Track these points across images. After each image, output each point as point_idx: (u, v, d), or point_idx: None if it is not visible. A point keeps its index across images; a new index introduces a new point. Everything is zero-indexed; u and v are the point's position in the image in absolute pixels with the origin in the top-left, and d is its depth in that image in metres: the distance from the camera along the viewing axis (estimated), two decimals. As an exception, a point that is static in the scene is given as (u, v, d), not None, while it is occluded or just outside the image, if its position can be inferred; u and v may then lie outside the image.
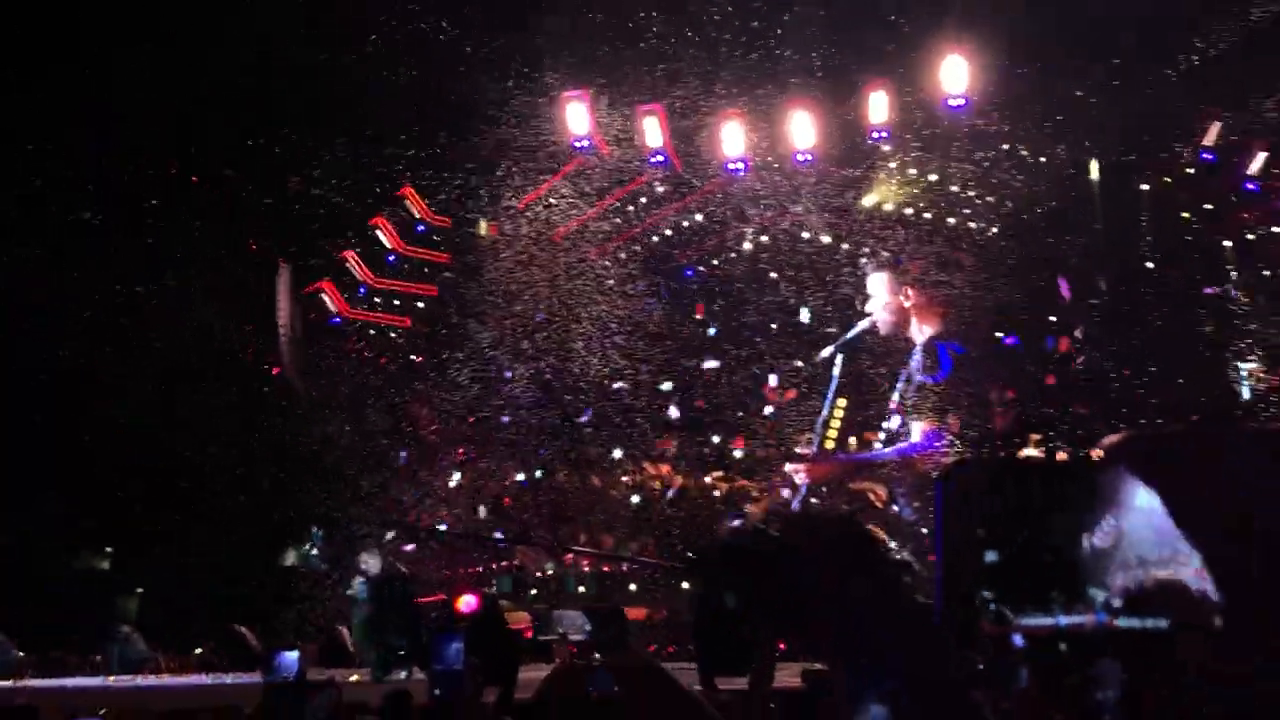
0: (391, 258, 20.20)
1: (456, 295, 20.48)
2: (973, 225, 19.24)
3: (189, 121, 16.73)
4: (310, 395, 18.84)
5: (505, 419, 19.74)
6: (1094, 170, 18.47)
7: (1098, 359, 18.03)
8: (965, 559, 0.58)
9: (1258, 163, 17.37)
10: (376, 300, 20.20)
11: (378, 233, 19.99)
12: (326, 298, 19.80)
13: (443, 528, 17.90)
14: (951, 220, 19.32)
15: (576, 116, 18.75)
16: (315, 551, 17.54)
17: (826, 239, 20.11)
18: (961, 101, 17.70)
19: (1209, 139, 17.74)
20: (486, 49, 18.00)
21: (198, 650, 15.08)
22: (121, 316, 16.64)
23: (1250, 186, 17.58)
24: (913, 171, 19.47)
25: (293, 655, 3.35)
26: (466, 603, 9.09)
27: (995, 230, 19.15)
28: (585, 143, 19.09)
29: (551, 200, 19.92)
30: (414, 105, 18.53)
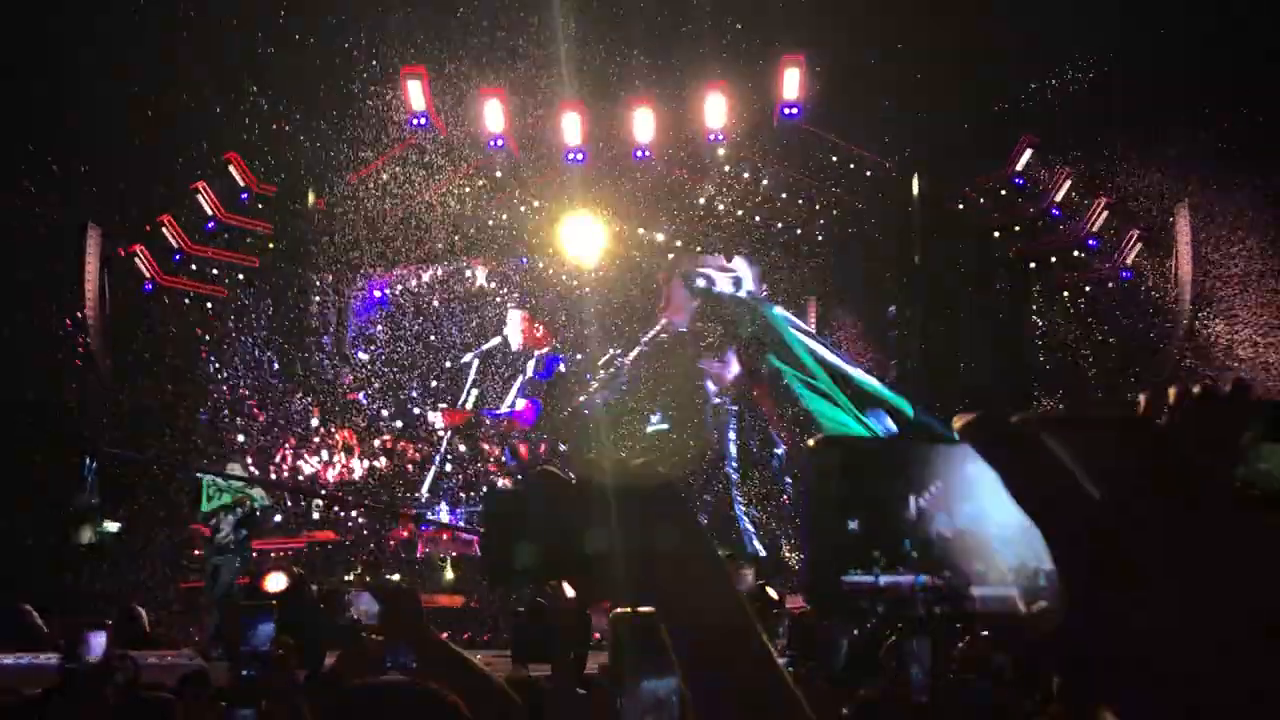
0: (211, 225, 19.28)
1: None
2: (799, 231, 19.85)
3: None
4: (109, 363, 17.88)
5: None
6: (914, 186, 19.32)
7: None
8: (828, 531, 0.61)
9: (1062, 190, 18.51)
10: (193, 268, 19.25)
11: (198, 197, 19.05)
12: (140, 262, 18.75)
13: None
14: (779, 225, 19.87)
15: (415, 92, 18.42)
16: (113, 528, 16.61)
17: (660, 236, 20.37)
18: (795, 111, 18.28)
19: (1020, 164, 18.84)
20: (330, 17, 17.45)
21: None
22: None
23: (1055, 213, 18.72)
24: (746, 175, 19.95)
25: (100, 637, 3.14)
26: (274, 581, 8.79)
27: (820, 237, 19.81)
28: (422, 120, 18.78)
29: (383, 176, 19.50)
30: (246, 68, 17.79)
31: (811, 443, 0.77)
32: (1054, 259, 18.98)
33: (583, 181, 19.64)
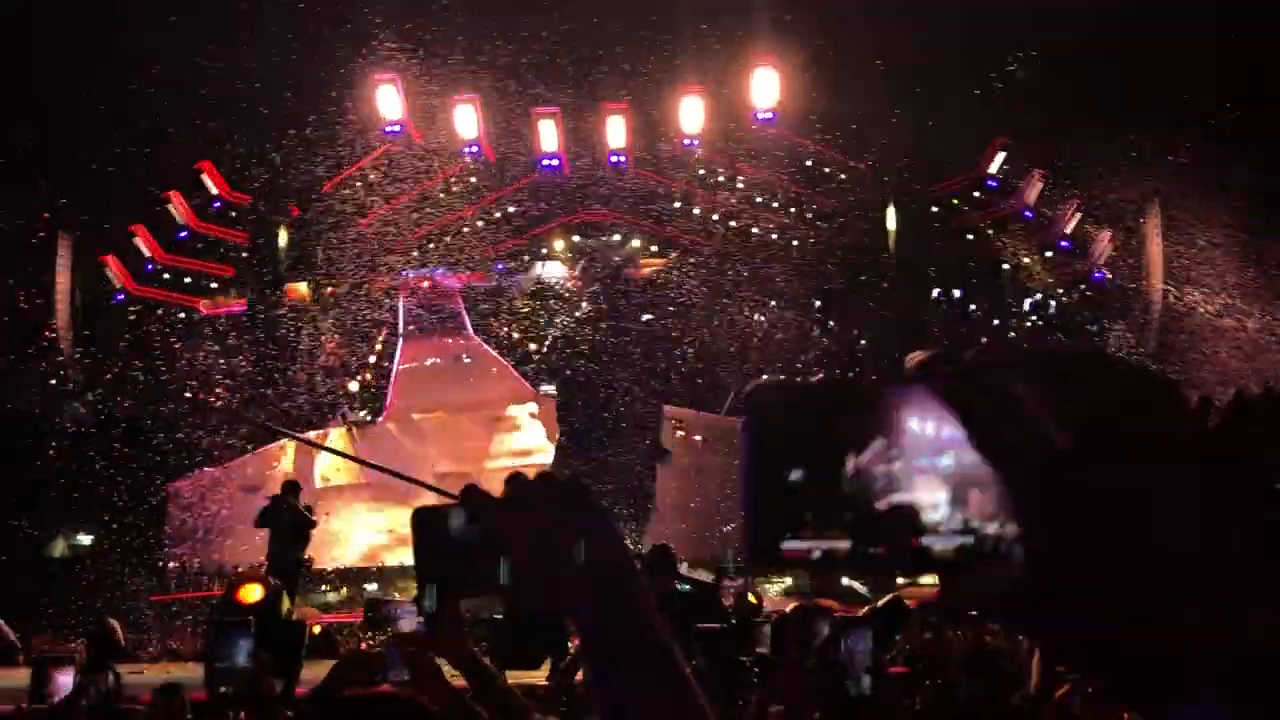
0: (184, 234, 19.13)
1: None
2: (775, 237, 19.87)
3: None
4: (81, 373, 17.72)
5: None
6: (891, 209, 19.37)
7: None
8: (769, 482, 0.59)
9: (1034, 192, 18.65)
10: (166, 277, 19.09)
11: (169, 207, 18.90)
12: (110, 272, 18.59)
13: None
14: (756, 230, 19.90)
15: (387, 100, 18.36)
16: (86, 541, 16.48)
17: (636, 242, 20.38)
18: (770, 115, 18.33)
19: (992, 166, 18.97)
20: (303, 28, 17.37)
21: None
22: None
23: (1027, 214, 18.86)
24: (721, 180, 19.99)
25: (68, 675, 3.05)
26: (250, 593, 8.70)
27: (796, 242, 19.84)
28: (397, 129, 18.72)
29: (358, 182, 19.40)
30: (221, 77, 17.67)
31: (753, 385, 0.74)
32: (1028, 260, 19.11)
33: (559, 187, 19.67)
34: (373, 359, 20.74)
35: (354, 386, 20.08)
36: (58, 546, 16.77)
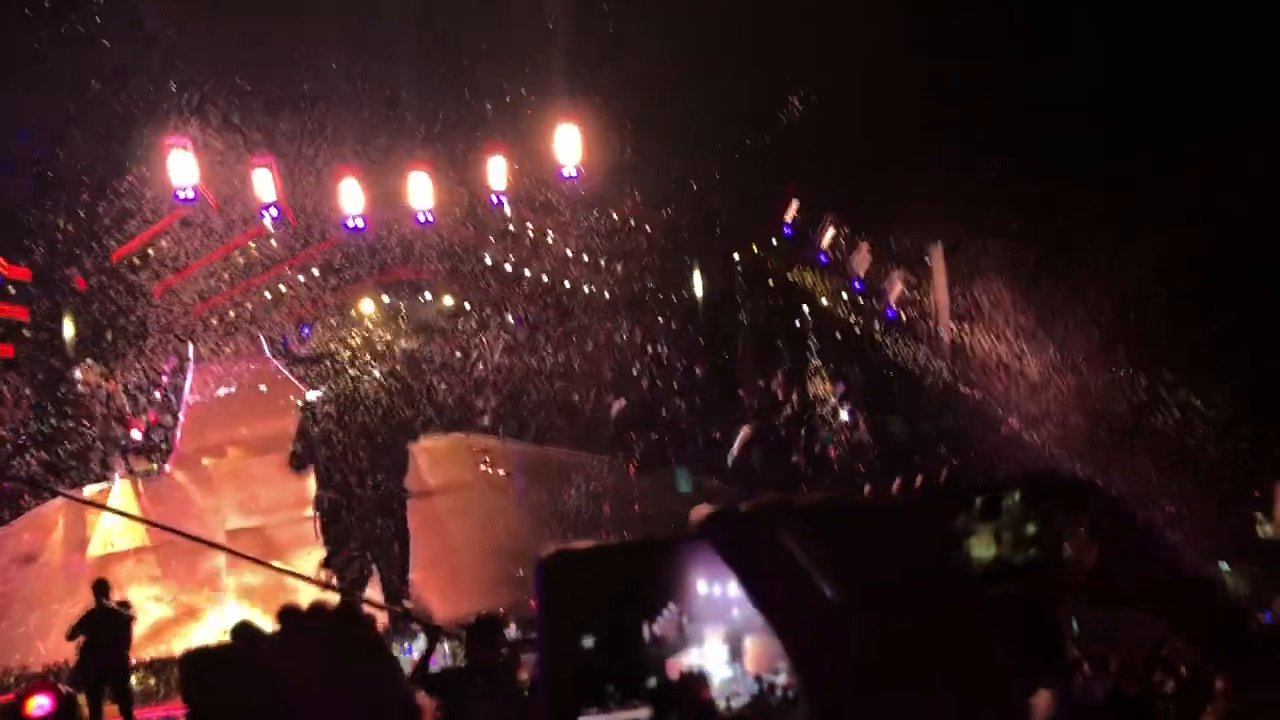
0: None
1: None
2: (587, 289, 20.17)
3: None
4: None
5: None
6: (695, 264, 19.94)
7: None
8: (564, 651, 0.61)
9: (827, 237, 19.54)
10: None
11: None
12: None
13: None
14: (567, 283, 20.13)
15: (180, 165, 17.68)
16: None
17: (448, 299, 20.29)
18: (574, 172, 18.59)
19: (789, 214, 19.79)
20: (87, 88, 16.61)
21: None
22: None
23: (822, 258, 19.74)
24: (531, 235, 20.16)
25: None
26: (38, 706, 8.07)
27: (607, 293, 20.18)
28: (190, 193, 18.03)
29: (149, 252, 18.58)
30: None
31: (545, 553, 0.73)
32: (825, 300, 20.00)
33: (366, 246, 19.38)
34: (158, 394, 19.82)
35: (136, 434, 19.05)
36: None
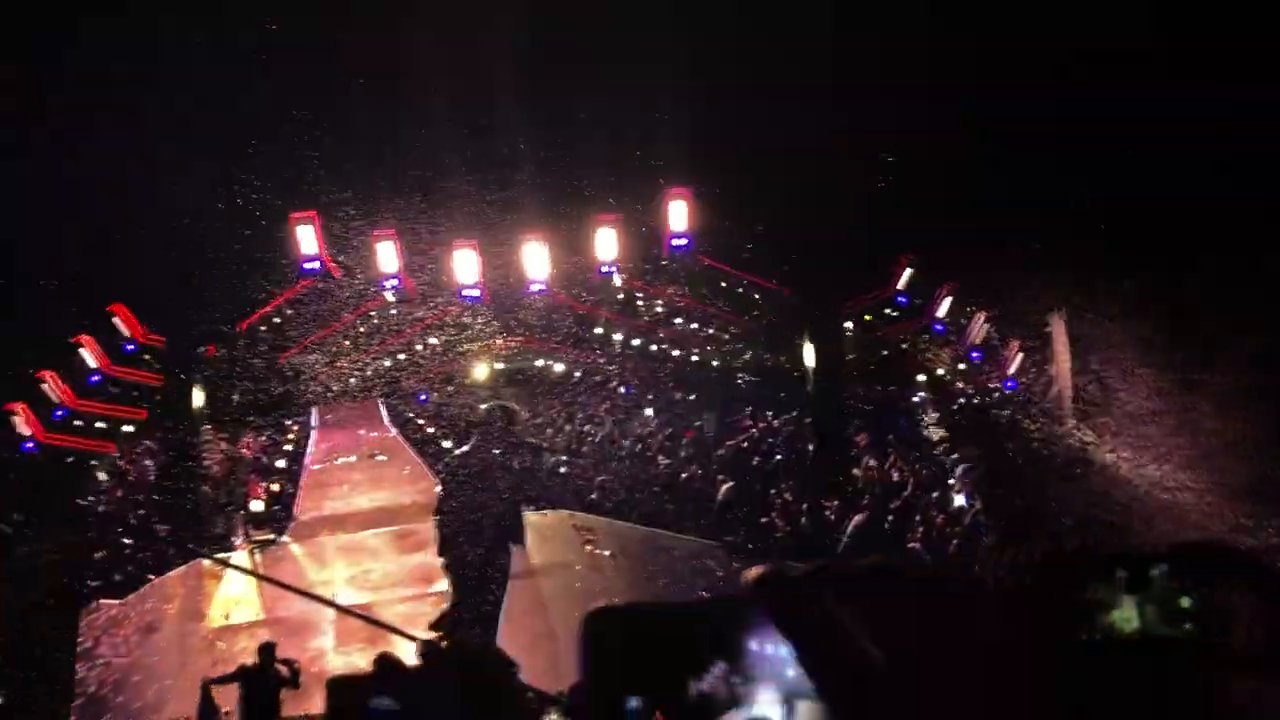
0: (96, 378, 18.80)
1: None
2: (694, 358, 20.17)
3: None
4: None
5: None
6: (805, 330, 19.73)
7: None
8: (608, 711, 0.58)
9: (944, 306, 19.21)
10: (78, 424, 18.67)
11: (81, 351, 18.60)
12: (19, 421, 18.11)
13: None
14: (676, 353, 20.17)
15: (305, 237, 18.41)
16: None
17: (559, 367, 20.50)
18: (685, 242, 18.76)
19: (901, 282, 19.54)
20: (210, 160, 17.42)
21: None
22: None
23: (939, 328, 19.38)
24: (640, 305, 20.30)
25: None
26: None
27: (716, 364, 20.13)
28: (315, 264, 18.74)
29: (276, 320, 19.32)
30: (128, 215, 17.58)
31: (589, 612, 0.74)
32: (941, 371, 19.56)
33: (480, 316, 19.78)
34: (281, 463, 20.32)
35: (258, 504, 19.51)
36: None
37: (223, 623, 17.40)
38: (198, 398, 19.44)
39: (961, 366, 19.49)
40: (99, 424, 19.15)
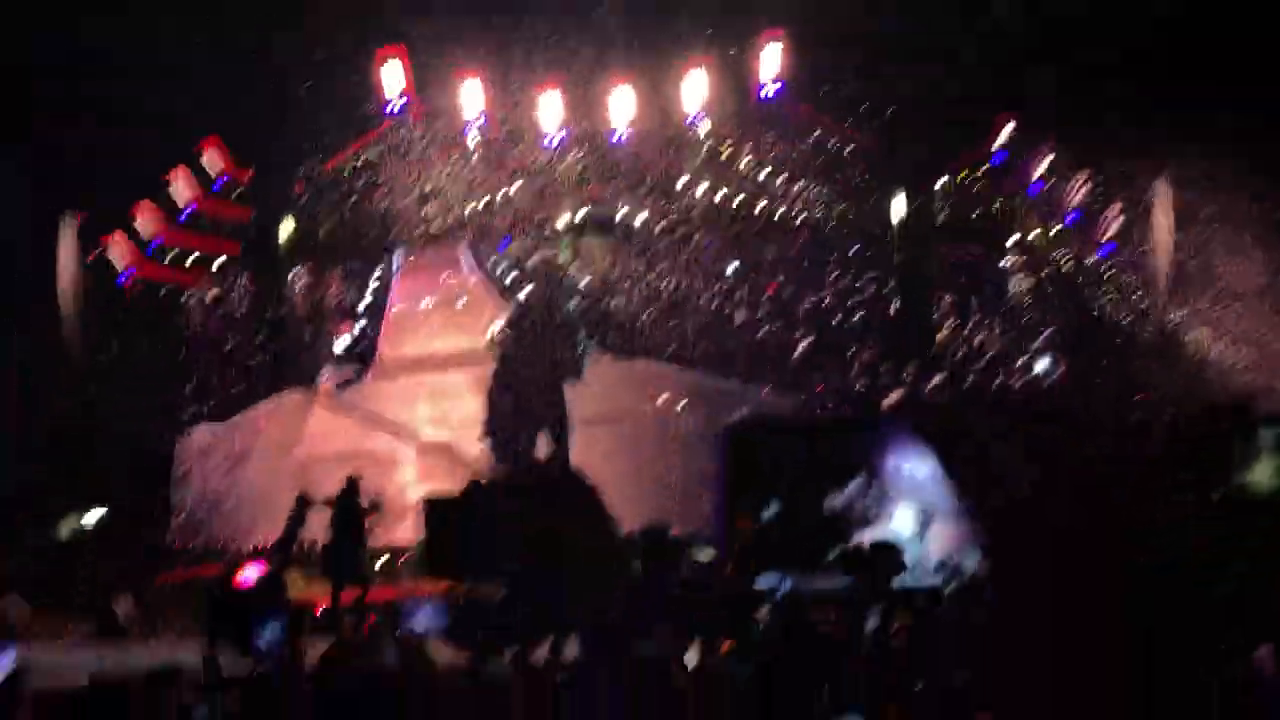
0: (188, 213, 19.15)
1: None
2: (780, 213, 19.77)
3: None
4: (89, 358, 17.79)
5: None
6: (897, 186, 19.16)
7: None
8: (744, 515, 0.56)
9: (1042, 165, 18.45)
10: (171, 257, 19.13)
11: (174, 185, 18.91)
12: (116, 252, 18.64)
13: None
14: (760, 206, 19.78)
15: (392, 75, 18.29)
16: (93, 521, 16.58)
17: (640, 217, 20.30)
18: (777, 90, 18.19)
19: (999, 140, 18.77)
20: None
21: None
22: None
23: (1035, 188, 18.66)
24: (725, 157, 19.85)
25: (4, 659, 3.04)
26: (248, 575, 8.75)
27: (801, 220, 19.72)
28: (400, 104, 18.64)
29: (362, 160, 19.38)
30: (223, 54, 17.60)
31: (732, 420, 0.69)
32: (1033, 235, 18.97)
33: (563, 161, 19.61)
34: (364, 303, 20.69)
35: (342, 341, 19.97)
36: (65, 527, 16.85)
37: (310, 454, 18.07)
38: (286, 235, 19.74)
39: (1056, 229, 18.84)
40: (191, 257, 19.60)
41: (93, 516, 16.59)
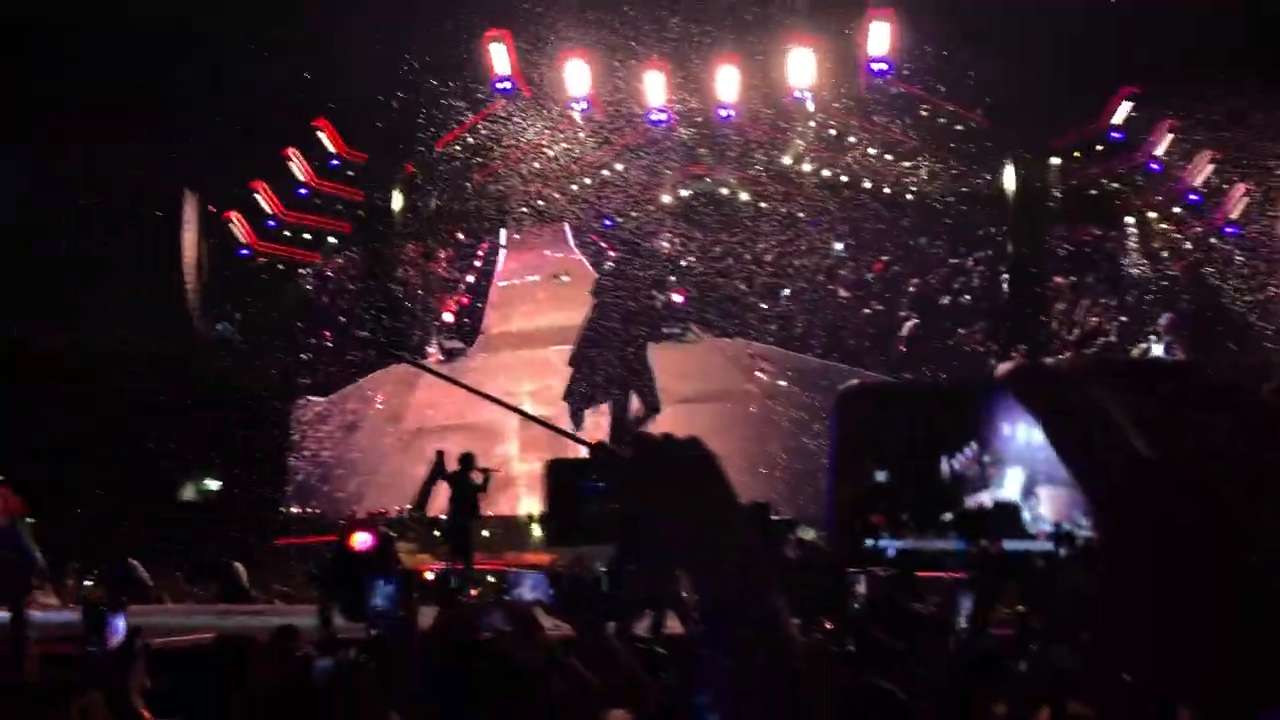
0: (303, 191, 19.72)
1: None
2: (886, 190, 19.47)
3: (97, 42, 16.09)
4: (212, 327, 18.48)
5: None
6: (1008, 162, 18.67)
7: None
8: (854, 480, 0.58)
9: (1164, 143, 17.79)
10: (286, 234, 19.75)
11: (290, 164, 19.48)
12: (235, 228, 19.31)
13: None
14: (868, 184, 19.50)
15: (498, 56, 18.47)
16: (214, 485, 17.26)
17: (744, 196, 20.20)
18: (885, 68, 17.84)
19: (1118, 117, 18.14)
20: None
21: (86, 582, 14.74)
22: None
23: (1154, 167, 18.03)
24: (833, 133, 19.59)
25: (120, 620, 3.21)
26: (361, 540, 9.01)
27: (911, 195, 19.39)
28: (507, 85, 18.82)
29: (470, 140, 19.65)
30: (335, 34, 18.00)
31: (845, 386, 0.73)
32: (1153, 215, 18.32)
33: (667, 140, 19.60)
34: (471, 278, 21.05)
35: (448, 315, 20.43)
36: (187, 491, 17.56)
37: (419, 425, 18.51)
38: (396, 213, 20.20)
39: (1176, 209, 18.18)
40: (305, 234, 20.19)
41: (212, 483, 17.23)
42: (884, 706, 2.65)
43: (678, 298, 19.43)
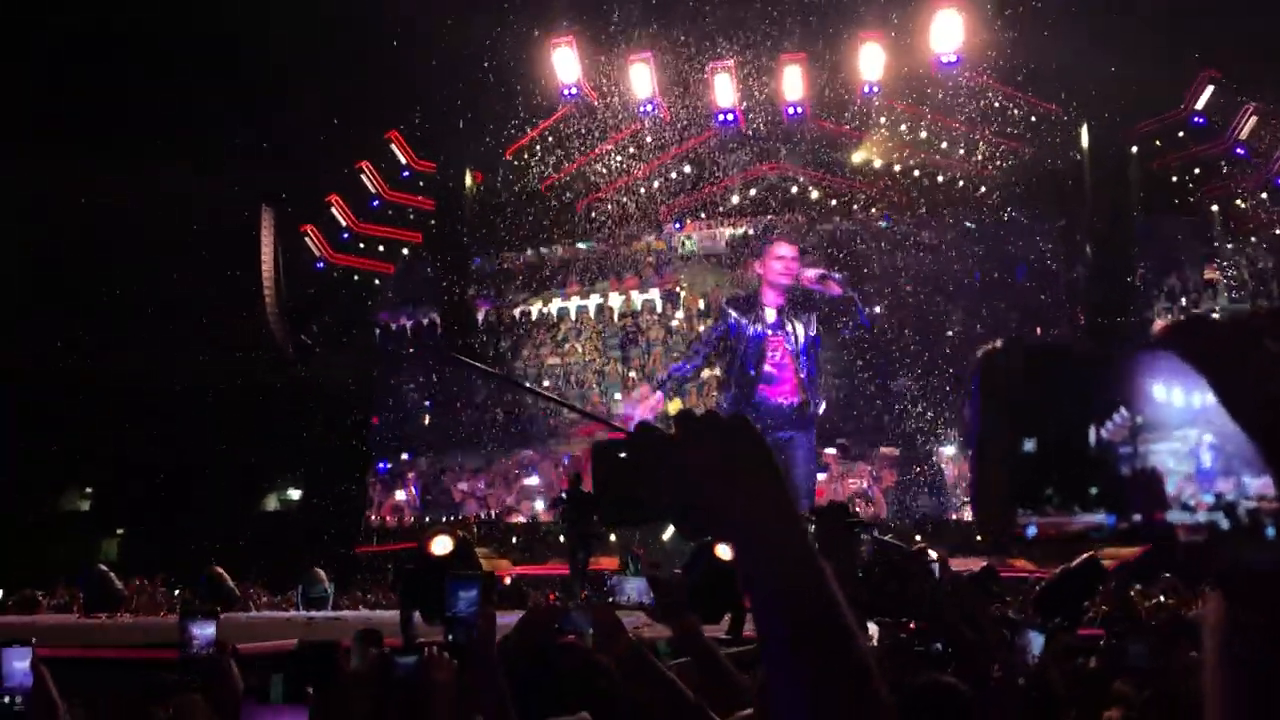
0: (375, 202, 20.03)
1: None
2: (961, 183, 19.14)
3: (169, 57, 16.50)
4: (292, 340, 18.77)
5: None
6: (1083, 133, 18.26)
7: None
8: (997, 449, 0.55)
9: (1248, 127, 17.24)
10: (360, 245, 20.07)
11: (362, 177, 19.80)
12: (310, 241, 19.66)
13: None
14: (940, 178, 19.19)
15: (564, 62, 18.52)
16: (295, 495, 17.56)
17: (815, 194, 20.01)
18: (954, 59, 17.53)
19: (1200, 102, 17.61)
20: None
21: (175, 591, 15.08)
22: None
23: (1239, 152, 17.47)
24: (904, 128, 19.30)
25: (209, 627, 3.22)
26: (440, 545, 9.03)
27: (984, 189, 19.03)
28: (573, 91, 18.88)
29: (539, 146, 19.76)
30: (403, 47, 18.22)
31: (985, 348, 0.68)
32: (1239, 201, 17.74)
33: (735, 140, 19.51)
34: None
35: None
36: (270, 501, 17.88)
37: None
38: (467, 221, 20.40)
39: (1263, 196, 17.59)
40: (379, 246, 20.48)
41: (295, 492, 17.52)
42: (948, 704, 2.55)
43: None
